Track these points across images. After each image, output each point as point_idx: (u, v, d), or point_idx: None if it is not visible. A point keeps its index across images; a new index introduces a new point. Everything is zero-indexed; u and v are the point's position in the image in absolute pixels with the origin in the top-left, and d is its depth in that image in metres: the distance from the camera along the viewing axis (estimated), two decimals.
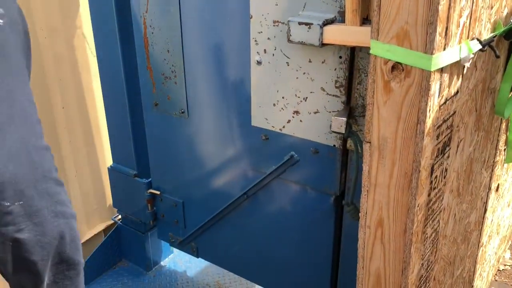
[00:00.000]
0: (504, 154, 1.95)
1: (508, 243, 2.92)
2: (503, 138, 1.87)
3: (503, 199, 2.27)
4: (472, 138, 1.49)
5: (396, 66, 1.08)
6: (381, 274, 1.32)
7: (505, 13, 1.43)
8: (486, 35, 1.30)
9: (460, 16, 1.11)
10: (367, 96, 1.15)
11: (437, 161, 1.24)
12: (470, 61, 1.19)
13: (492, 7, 1.31)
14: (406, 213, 1.20)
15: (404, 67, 1.07)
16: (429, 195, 1.25)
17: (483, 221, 1.97)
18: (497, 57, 1.26)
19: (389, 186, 1.20)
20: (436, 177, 1.25)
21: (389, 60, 1.09)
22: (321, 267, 2.01)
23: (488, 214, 2.01)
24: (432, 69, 1.04)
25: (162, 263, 2.80)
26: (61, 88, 2.45)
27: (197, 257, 2.45)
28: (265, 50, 1.74)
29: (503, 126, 1.83)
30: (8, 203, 1.24)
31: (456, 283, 1.83)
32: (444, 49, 1.07)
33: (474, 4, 1.17)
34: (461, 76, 1.23)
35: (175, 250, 2.86)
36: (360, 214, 1.30)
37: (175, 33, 1.98)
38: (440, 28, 1.02)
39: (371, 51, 1.12)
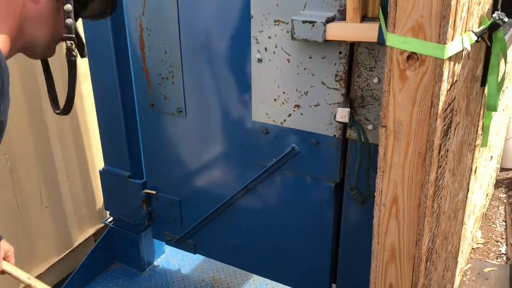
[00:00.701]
0: (481, 139, 2.14)
1: (479, 223, 3.14)
2: (481, 123, 2.05)
3: (478, 181, 2.47)
4: (463, 122, 1.65)
5: (411, 56, 1.21)
6: (395, 248, 1.44)
7: (487, 8, 1.59)
8: (475, 28, 1.46)
9: (462, 11, 1.25)
10: (383, 84, 1.27)
11: (443, 142, 1.37)
12: (467, 50, 1.34)
13: (480, 3, 1.47)
14: (420, 189, 1.33)
15: (419, 56, 1.20)
16: (436, 172, 1.38)
17: (466, 201, 2.15)
18: (489, 46, 1.42)
19: (404, 165, 1.33)
20: (441, 156, 1.39)
21: (405, 50, 1.21)
22: (321, 253, 2.11)
23: (469, 194, 2.19)
24: (445, 57, 1.17)
25: (155, 263, 2.83)
26: None
27: (195, 253, 2.51)
28: (265, 48, 1.83)
29: (481, 112, 2.01)
30: None
31: (448, 257, 1.99)
32: (452, 39, 1.21)
33: (470, 0, 1.32)
34: (460, 64, 1.37)
35: (167, 249, 2.90)
36: (375, 193, 1.42)
37: (173, 33, 2.03)
38: (451, 21, 1.15)
39: (387, 43, 1.24)
